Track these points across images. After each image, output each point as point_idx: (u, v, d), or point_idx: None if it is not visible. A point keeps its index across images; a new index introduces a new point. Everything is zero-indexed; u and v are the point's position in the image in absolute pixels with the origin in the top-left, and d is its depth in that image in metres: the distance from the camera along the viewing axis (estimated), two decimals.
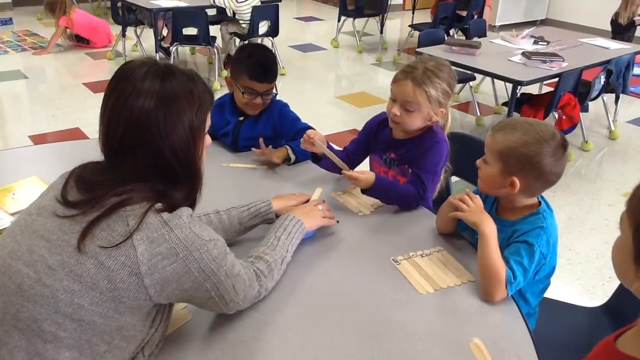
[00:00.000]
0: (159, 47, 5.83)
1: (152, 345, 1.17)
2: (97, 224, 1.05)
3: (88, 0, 8.73)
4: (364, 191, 1.85)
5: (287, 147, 2.13)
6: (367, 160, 2.18)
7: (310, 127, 2.17)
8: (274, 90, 2.22)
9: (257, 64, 2.13)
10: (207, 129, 1.22)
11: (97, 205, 1.07)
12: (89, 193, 1.10)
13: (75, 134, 4.39)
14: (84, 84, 5.61)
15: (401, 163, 1.99)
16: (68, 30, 6.58)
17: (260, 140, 2.11)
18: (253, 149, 2.14)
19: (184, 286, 1.12)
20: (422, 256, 1.61)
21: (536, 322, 1.70)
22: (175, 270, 1.09)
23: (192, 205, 1.19)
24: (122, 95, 1.11)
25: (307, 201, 1.73)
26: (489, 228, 1.50)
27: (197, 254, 1.11)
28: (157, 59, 5.67)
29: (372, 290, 1.48)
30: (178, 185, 1.15)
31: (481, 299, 1.45)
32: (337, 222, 1.72)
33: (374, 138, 2.08)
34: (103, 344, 1.07)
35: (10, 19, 7.85)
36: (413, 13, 8.05)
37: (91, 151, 1.17)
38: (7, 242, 1.11)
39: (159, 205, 1.09)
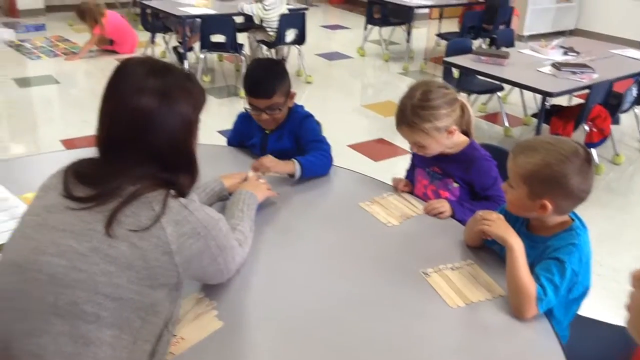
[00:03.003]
0: (172, 49, 5.88)
1: (173, 321, 1.25)
2: (120, 210, 1.13)
3: (117, 7, 8.87)
4: None
5: (295, 160, 2.04)
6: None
7: (321, 140, 2.16)
8: (286, 105, 2.15)
9: (251, 81, 2.14)
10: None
11: (113, 195, 1.14)
12: (99, 186, 1.16)
13: None
14: None
15: (444, 177, 2.00)
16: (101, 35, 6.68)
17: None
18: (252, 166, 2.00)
19: (203, 262, 1.26)
20: (453, 269, 1.59)
21: (567, 341, 1.67)
22: (198, 247, 1.21)
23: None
24: (124, 93, 1.19)
25: (246, 178, 1.90)
26: (517, 243, 1.48)
27: (214, 232, 1.25)
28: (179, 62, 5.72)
29: (401, 303, 1.47)
30: (179, 173, 1.24)
31: (511, 315, 1.43)
32: (278, 194, 1.90)
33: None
34: (138, 320, 1.13)
35: (43, 25, 8.01)
36: (440, 22, 8.02)
37: None
38: (24, 242, 1.16)
39: (172, 191, 1.19)
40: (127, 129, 1.19)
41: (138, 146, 1.19)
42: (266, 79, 2.11)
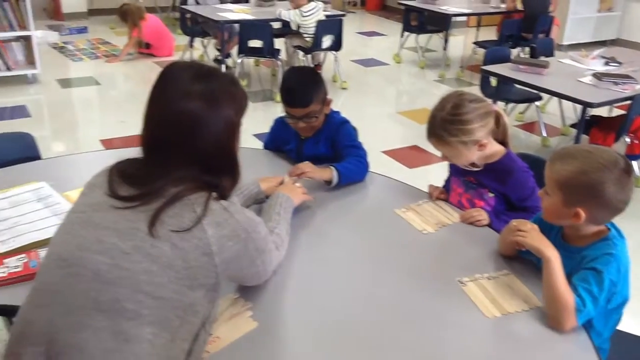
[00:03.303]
0: (213, 60, 5.96)
1: (211, 321, 1.26)
2: (164, 211, 1.15)
3: (157, 11, 9.03)
4: None
5: (332, 167, 2.05)
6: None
7: (358, 146, 2.16)
8: (323, 112, 2.16)
9: (287, 90, 2.15)
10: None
11: (157, 195, 1.17)
12: (144, 186, 1.19)
13: None
14: None
15: (479, 187, 1.98)
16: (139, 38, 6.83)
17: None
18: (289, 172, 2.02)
19: (242, 264, 1.28)
20: (489, 278, 1.58)
21: (607, 356, 1.63)
22: (238, 250, 1.23)
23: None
24: (171, 97, 1.22)
25: (282, 182, 1.92)
26: (553, 254, 1.46)
27: (253, 235, 1.27)
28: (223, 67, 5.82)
29: (436, 311, 1.46)
30: (221, 175, 1.25)
31: (549, 326, 1.41)
32: (313, 199, 1.91)
33: None
34: (177, 319, 1.15)
35: (85, 28, 8.20)
36: (477, 30, 7.95)
37: None
38: (69, 238, 1.19)
39: (214, 194, 1.21)
40: (172, 132, 1.21)
41: (183, 149, 1.22)
42: (302, 88, 2.12)
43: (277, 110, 5.55)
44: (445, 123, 1.83)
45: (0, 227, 1.68)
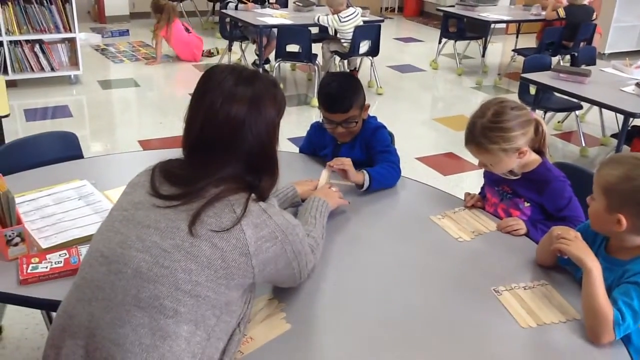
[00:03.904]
0: (251, 64, 6.00)
1: (245, 321, 1.28)
2: (204, 211, 1.17)
3: (197, 15, 9.17)
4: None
5: (364, 171, 2.05)
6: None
7: (391, 152, 2.17)
8: (361, 117, 2.17)
9: (327, 95, 2.16)
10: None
11: (198, 195, 1.19)
12: (186, 186, 1.22)
13: (179, 141, 4.60)
14: (190, 94, 5.87)
15: (515, 197, 1.95)
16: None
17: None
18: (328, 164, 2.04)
19: (278, 265, 1.28)
20: (525, 288, 1.55)
21: None
22: (275, 251, 1.25)
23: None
24: (215, 101, 1.24)
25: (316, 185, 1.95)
26: (595, 266, 1.43)
27: (291, 237, 1.29)
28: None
29: (471, 319, 1.44)
30: (262, 175, 1.29)
31: (586, 339, 1.38)
32: (349, 203, 1.91)
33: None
34: (213, 318, 1.17)
35: (127, 31, 8.38)
36: (517, 37, 7.85)
37: None
38: (112, 236, 1.21)
39: (253, 195, 1.24)
40: (218, 134, 1.24)
41: (227, 150, 1.24)
42: (342, 93, 2.13)
43: (312, 114, 5.60)
44: (486, 130, 1.81)
45: (44, 224, 1.73)
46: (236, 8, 6.42)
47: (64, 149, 2.30)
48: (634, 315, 1.39)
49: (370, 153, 2.21)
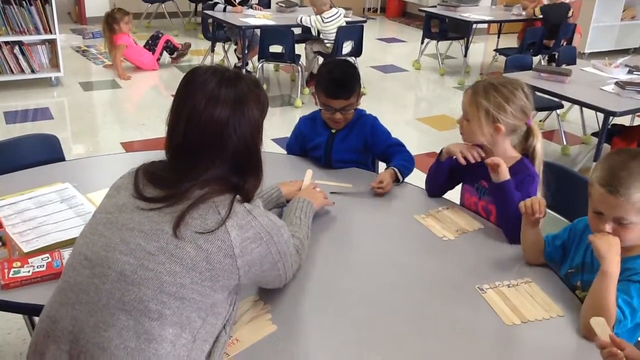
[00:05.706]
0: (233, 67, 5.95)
1: (231, 322, 1.28)
2: (188, 213, 1.17)
3: (180, 16, 9.12)
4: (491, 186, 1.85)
5: (394, 168, 2.14)
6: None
7: (400, 143, 2.28)
8: (356, 105, 2.24)
9: (332, 80, 2.18)
10: None
11: (182, 197, 1.19)
12: (170, 188, 1.21)
13: (161, 143, 4.57)
14: (172, 95, 5.83)
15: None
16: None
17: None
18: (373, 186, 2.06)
19: (263, 267, 1.28)
20: (509, 286, 1.56)
21: None
22: (260, 252, 1.24)
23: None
24: (198, 102, 1.23)
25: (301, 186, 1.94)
26: (615, 271, 1.40)
27: (276, 238, 1.28)
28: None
29: (456, 317, 1.45)
30: (246, 177, 1.28)
31: (569, 336, 1.40)
32: (333, 203, 1.91)
33: (466, 166, 1.97)
34: (199, 320, 1.17)
35: None
36: (498, 37, 7.91)
37: None
38: (95, 239, 1.20)
39: (238, 196, 1.23)
40: (200, 136, 1.23)
41: (210, 151, 1.24)
42: (346, 80, 2.19)
43: (296, 115, 5.57)
44: (490, 87, 1.86)
45: (26, 227, 1.71)
46: (224, 10, 6.38)
47: (45, 152, 2.27)
48: (632, 313, 1.41)
49: (375, 148, 2.32)
